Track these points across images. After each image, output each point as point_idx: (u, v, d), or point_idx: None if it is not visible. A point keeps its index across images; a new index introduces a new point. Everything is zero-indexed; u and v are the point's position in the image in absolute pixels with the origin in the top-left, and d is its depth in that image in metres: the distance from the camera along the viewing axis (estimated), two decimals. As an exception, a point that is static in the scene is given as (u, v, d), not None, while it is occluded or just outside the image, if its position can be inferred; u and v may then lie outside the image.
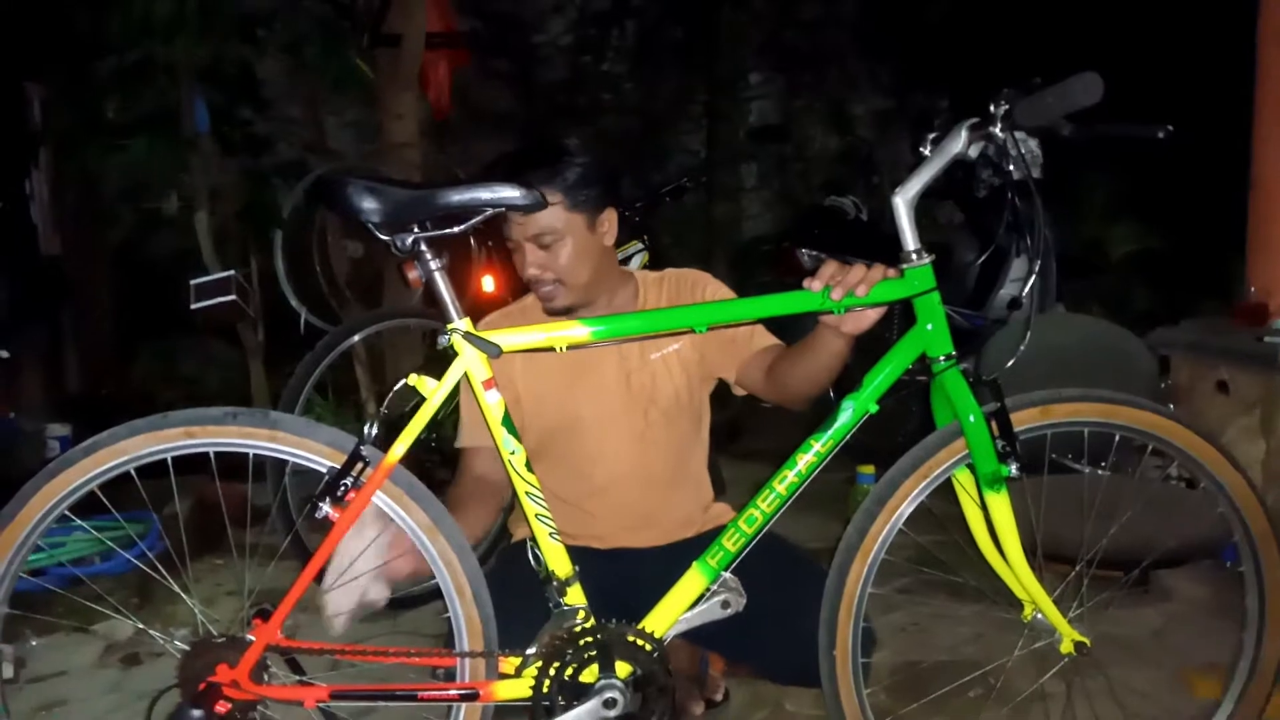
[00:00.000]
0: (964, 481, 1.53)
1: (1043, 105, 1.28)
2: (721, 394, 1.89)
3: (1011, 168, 1.45)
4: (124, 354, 4.27)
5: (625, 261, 3.17)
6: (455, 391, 1.46)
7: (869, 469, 2.97)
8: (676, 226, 5.15)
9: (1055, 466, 1.80)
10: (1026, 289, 1.60)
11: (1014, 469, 1.46)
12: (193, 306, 3.38)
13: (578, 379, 1.80)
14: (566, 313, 1.72)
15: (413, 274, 1.42)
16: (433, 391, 1.43)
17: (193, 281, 3.40)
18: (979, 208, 3.76)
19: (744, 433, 4.03)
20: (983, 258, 3.49)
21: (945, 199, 4.10)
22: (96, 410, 3.84)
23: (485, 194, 1.41)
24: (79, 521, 1.44)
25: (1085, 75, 1.22)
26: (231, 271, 3.40)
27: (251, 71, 4.02)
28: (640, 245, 3.27)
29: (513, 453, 1.45)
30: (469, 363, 1.43)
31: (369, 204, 1.36)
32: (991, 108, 1.37)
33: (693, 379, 1.84)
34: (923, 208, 1.48)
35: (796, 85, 5.82)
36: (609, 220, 1.74)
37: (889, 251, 1.51)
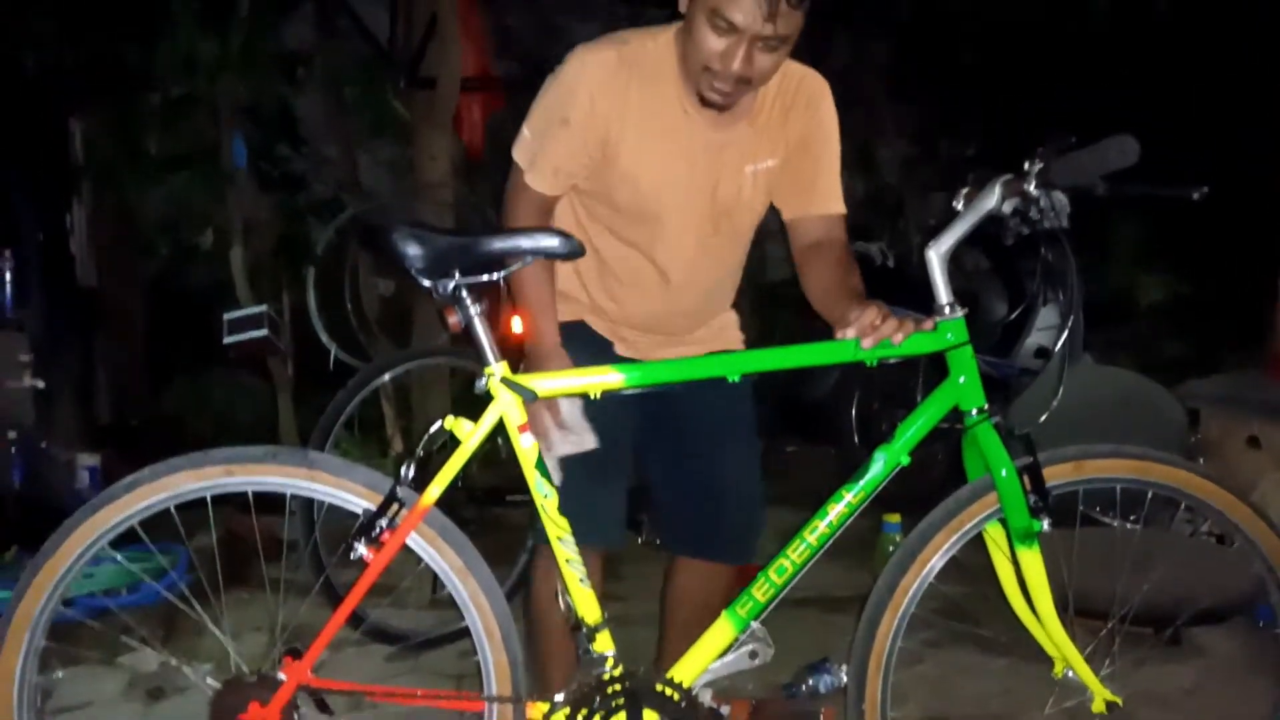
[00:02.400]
0: (995, 536, 1.53)
1: (1078, 165, 1.29)
2: None
3: (1045, 222, 1.46)
4: (156, 385, 4.33)
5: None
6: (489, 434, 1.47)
7: (895, 517, 2.96)
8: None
9: (1087, 520, 1.80)
10: (1059, 344, 1.60)
11: (1046, 524, 1.46)
12: (225, 340, 3.43)
13: (670, 169, 1.67)
14: (720, 110, 1.61)
15: (453, 319, 1.45)
16: (468, 435, 1.44)
17: (226, 316, 3.45)
18: (1006, 255, 3.77)
19: (769, 477, 4.01)
20: (1015, 312, 3.49)
21: (972, 246, 4.11)
22: (127, 440, 3.89)
23: (526, 242, 1.43)
24: (112, 552, 1.46)
25: (1121, 138, 1.23)
26: (264, 307, 3.45)
27: (290, 110, 4.12)
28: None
29: (546, 496, 1.46)
30: (505, 407, 1.45)
31: (413, 250, 1.38)
32: (1026, 165, 1.39)
33: (767, 197, 1.75)
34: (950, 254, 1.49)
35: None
36: None
37: (916, 298, 1.52)
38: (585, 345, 1.73)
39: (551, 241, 1.43)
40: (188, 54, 3.57)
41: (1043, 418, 1.51)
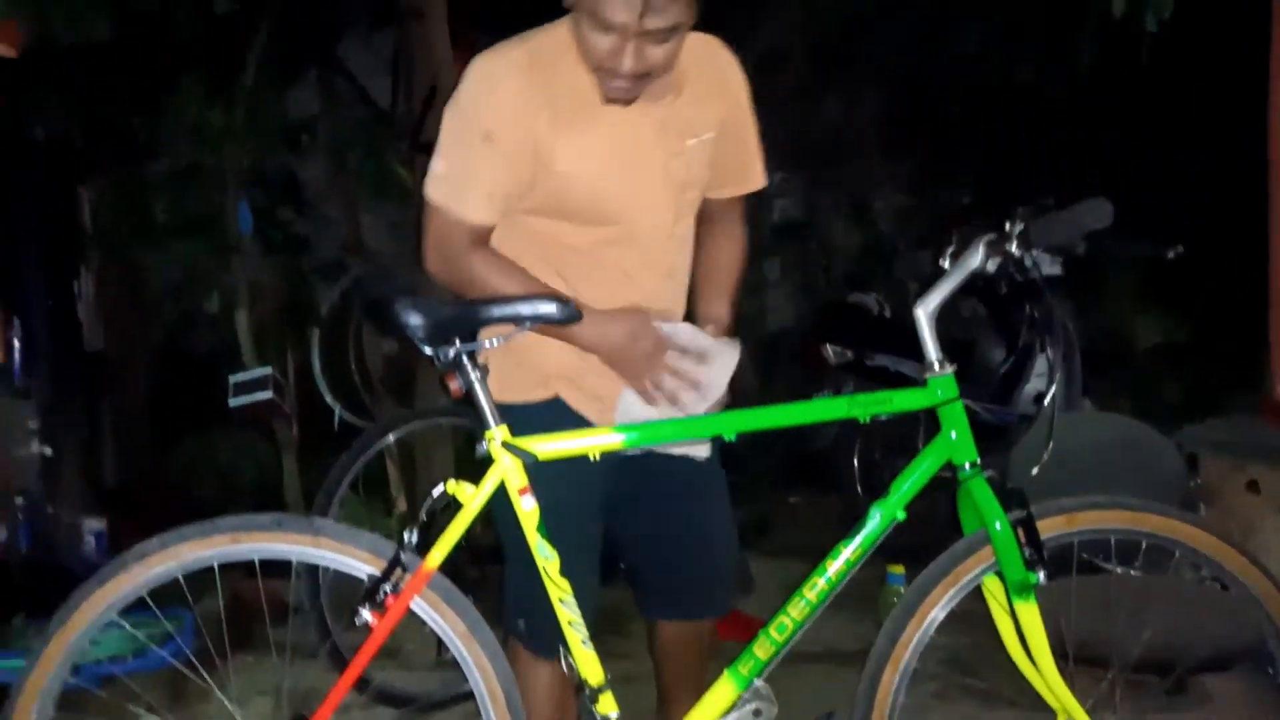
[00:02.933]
0: (993, 589, 1.54)
1: (1056, 226, 1.34)
2: (749, 488, 1.90)
3: (1032, 274, 1.51)
4: (161, 448, 4.36)
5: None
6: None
7: (898, 569, 2.96)
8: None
9: (1088, 567, 1.81)
10: (1049, 396, 1.64)
11: (1042, 577, 1.47)
12: (231, 403, 3.47)
13: (616, 160, 1.56)
14: (624, 104, 1.53)
15: (454, 384, 1.48)
16: (470, 498, 1.47)
17: (232, 378, 3.49)
18: (1001, 303, 3.82)
19: (773, 529, 4.02)
20: (1010, 359, 3.52)
21: (968, 294, 4.16)
22: (133, 504, 3.91)
23: (525, 309, 1.47)
24: (118, 619, 1.48)
25: (1097, 201, 1.28)
26: (269, 369, 3.49)
27: (294, 175, 4.20)
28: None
29: (548, 559, 1.48)
30: (506, 470, 1.48)
31: (414, 320, 1.42)
32: (1007, 226, 1.43)
33: (709, 173, 1.68)
34: (946, 302, 1.53)
35: (818, 182, 5.95)
36: None
37: (912, 347, 1.55)
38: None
39: (549, 308, 1.47)
40: (194, 124, 3.67)
41: (1034, 470, 1.53)
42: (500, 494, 1.47)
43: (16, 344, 3.73)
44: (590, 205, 1.57)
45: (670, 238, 1.64)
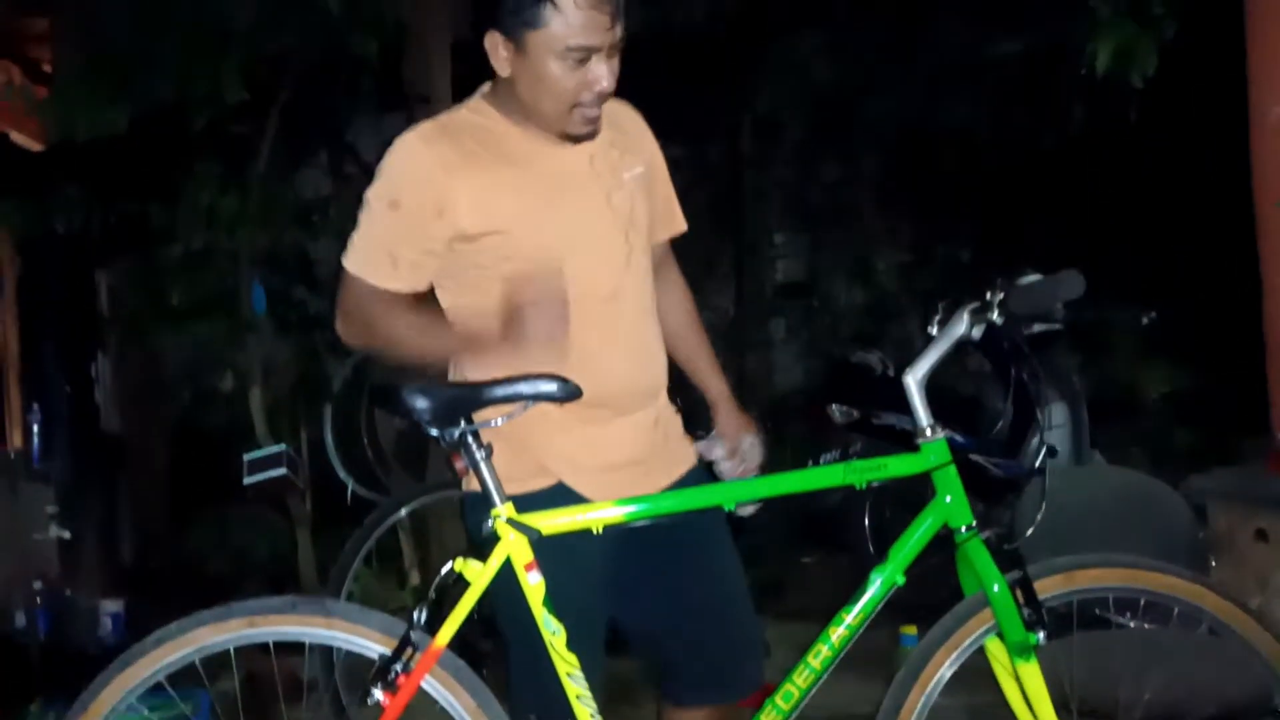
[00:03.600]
0: (994, 650, 1.56)
1: (1033, 296, 1.39)
2: (761, 550, 1.89)
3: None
4: (177, 527, 4.41)
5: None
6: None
7: (912, 629, 2.96)
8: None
9: (1095, 620, 1.81)
10: (1039, 460, 1.67)
11: (1041, 637, 1.49)
12: (245, 481, 3.52)
13: (557, 198, 1.57)
14: (592, 137, 1.56)
15: (459, 464, 1.53)
16: (478, 575, 1.51)
17: (246, 457, 3.54)
18: (1006, 358, 3.85)
19: (788, 591, 4.01)
20: (1015, 415, 3.55)
21: (973, 350, 4.20)
22: (149, 584, 3.94)
23: (526, 388, 1.52)
24: (136, 704, 1.51)
25: (1070, 273, 1.33)
26: (283, 446, 3.55)
27: (307, 254, 4.30)
28: (674, 408, 3.37)
29: (554, 633, 1.51)
30: (511, 547, 1.52)
31: (420, 404, 1.48)
32: (988, 295, 1.49)
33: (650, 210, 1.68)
34: (952, 358, 1.57)
35: (820, 242, 6.05)
36: None
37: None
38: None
39: (550, 386, 1.51)
40: (209, 209, 3.77)
41: (1029, 531, 1.57)
42: (501, 579, 1.50)
43: (36, 429, 3.81)
44: (541, 248, 1.56)
45: (627, 267, 1.61)
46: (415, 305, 1.59)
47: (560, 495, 1.58)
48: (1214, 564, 2.78)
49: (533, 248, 1.54)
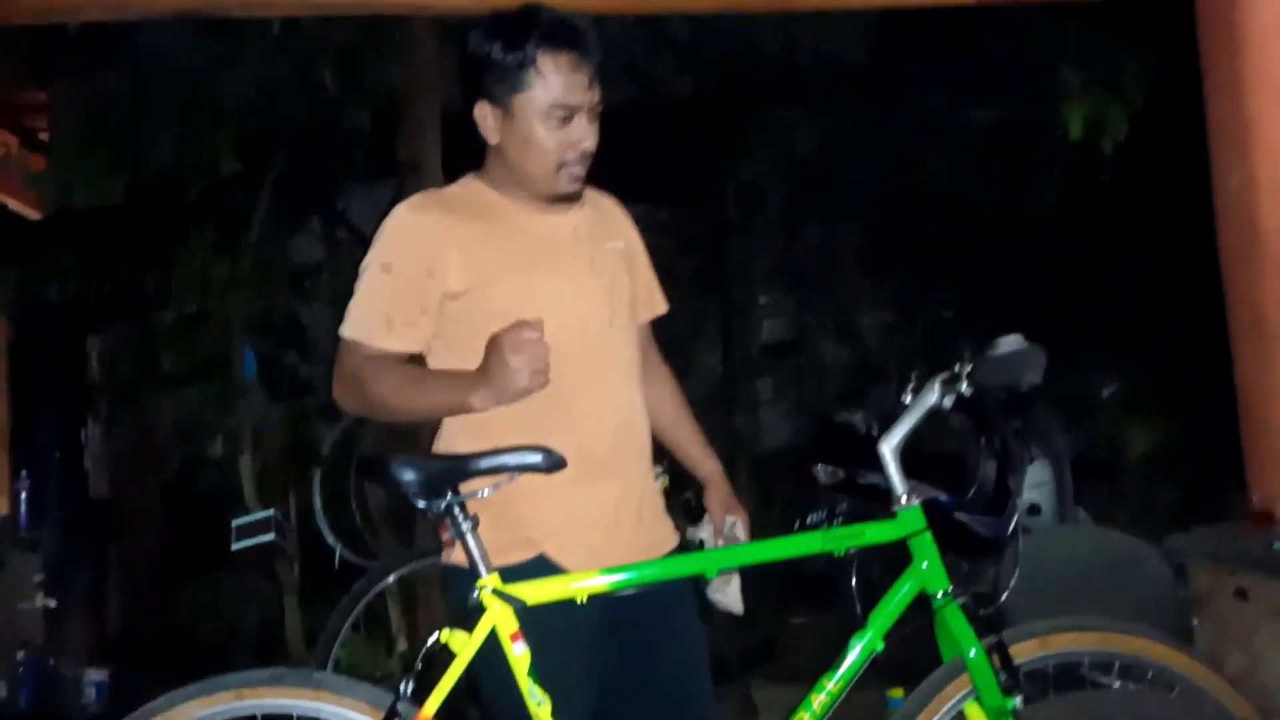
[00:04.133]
0: (973, 716, 1.58)
1: (998, 368, 1.45)
2: (751, 612, 1.89)
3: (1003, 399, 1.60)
4: (164, 594, 4.38)
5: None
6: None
7: (899, 693, 2.95)
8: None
9: (1077, 679, 1.83)
10: (1011, 526, 1.71)
11: (1018, 701, 1.52)
12: (234, 547, 3.52)
13: (541, 260, 1.64)
14: (577, 198, 1.65)
15: (446, 535, 1.56)
16: (464, 646, 1.53)
17: (235, 522, 3.55)
18: (988, 417, 3.90)
19: (780, 653, 4.00)
20: (997, 474, 3.58)
21: (955, 409, 4.25)
22: (135, 652, 3.91)
23: (511, 459, 1.55)
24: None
25: (1032, 349, 1.39)
26: (272, 511, 3.56)
27: (298, 319, 4.34)
28: (660, 469, 3.39)
29: (539, 703, 1.52)
30: (497, 617, 1.54)
31: (408, 476, 1.51)
32: (956, 367, 1.54)
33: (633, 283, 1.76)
34: (937, 416, 1.62)
35: (805, 303, 6.13)
36: None
37: (903, 463, 1.62)
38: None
39: (535, 458, 1.55)
40: (201, 275, 3.82)
41: (1003, 597, 1.60)
42: (487, 650, 1.52)
43: (24, 495, 3.81)
44: (525, 305, 1.58)
45: (610, 327, 1.66)
46: (405, 365, 1.64)
47: (542, 568, 1.60)
48: (1195, 623, 2.80)
49: (517, 305, 1.58)
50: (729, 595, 1.80)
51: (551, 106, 1.56)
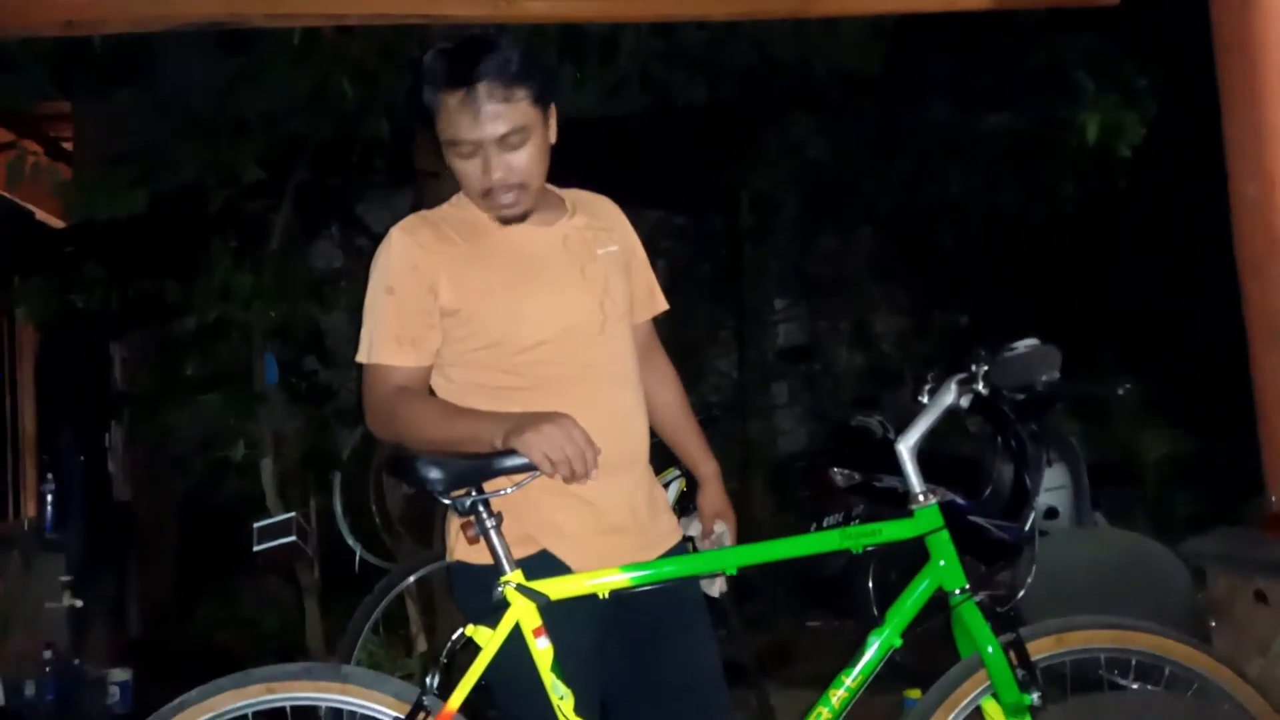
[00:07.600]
0: (991, 712, 1.60)
1: (1013, 369, 1.47)
2: (767, 616, 1.91)
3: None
4: (187, 596, 4.43)
5: (665, 487, 3.29)
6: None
7: (916, 693, 2.95)
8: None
9: (1096, 681, 1.84)
10: (1028, 525, 1.73)
11: (1036, 698, 1.54)
12: (255, 549, 3.56)
13: (530, 271, 1.67)
14: (520, 220, 1.67)
15: (470, 532, 1.59)
16: (488, 640, 1.55)
17: (256, 524, 3.59)
18: (1005, 421, 3.91)
19: (793, 658, 4.01)
20: (1014, 477, 3.59)
21: (972, 413, 4.25)
22: (158, 654, 3.96)
23: (537, 457, 1.58)
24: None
25: (1046, 349, 1.41)
26: (293, 514, 3.60)
27: (318, 326, 4.39)
28: (677, 472, 3.40)
29: (562, 698, 1.55)
30: (520, 613, 1.57)
31: (434, 474, 1.54)
32: (973, 367, 1.56)
33: (628, 289, 1.77)
34: (954, 421, 1.64)
35: (820, 309, 6.16)
36: (553, 114, 1.68)
37: (919, 465, 1.64)
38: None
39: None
40: (223, 284, 3.87)
41: (1020, 594, 1.61)
42: (509, 645, 1.54)
43: (49, 499, 3.87)
44: (517, 318, 1.64)
45: (602, 334, 1.69)
46: (435, 398, 1.69)
47: (544, 564, 1.62)
48: (1213, 626, 2.81)
49: (505, 322, 1.64)
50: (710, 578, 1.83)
51: (449, 143, 1.62)
